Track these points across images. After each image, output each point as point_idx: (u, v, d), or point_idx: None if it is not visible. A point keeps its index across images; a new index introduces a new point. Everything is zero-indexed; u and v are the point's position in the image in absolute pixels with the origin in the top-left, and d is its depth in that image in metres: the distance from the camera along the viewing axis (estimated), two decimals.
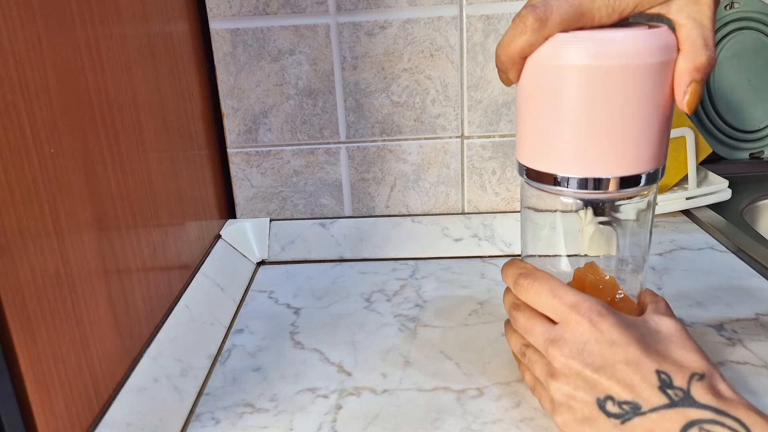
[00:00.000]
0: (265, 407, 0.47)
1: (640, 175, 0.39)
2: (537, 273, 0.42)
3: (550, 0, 0.37)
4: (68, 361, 0.37)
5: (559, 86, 0.37)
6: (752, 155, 0.88)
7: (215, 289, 0.61)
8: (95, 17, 0.43)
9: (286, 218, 0.73)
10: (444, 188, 0.72)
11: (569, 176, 0.39)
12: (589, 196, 0.40)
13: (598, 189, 0.39)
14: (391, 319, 0.58)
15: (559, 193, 0.41)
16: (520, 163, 0.42)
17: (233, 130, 0.70)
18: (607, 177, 0.38)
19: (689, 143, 0.71)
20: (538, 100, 0.39)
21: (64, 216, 0.37)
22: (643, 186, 0.39)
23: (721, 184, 0.74)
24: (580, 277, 0.44)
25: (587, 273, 0.44)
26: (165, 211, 0.54)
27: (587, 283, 0.44)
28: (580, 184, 0.39)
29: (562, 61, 0.37)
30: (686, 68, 0.37)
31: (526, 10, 0.37)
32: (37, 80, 0.35)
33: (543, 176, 0.40)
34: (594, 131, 0.37)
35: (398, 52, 0.67)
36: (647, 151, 0.38)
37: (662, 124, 0.38)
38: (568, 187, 0.39)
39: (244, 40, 0.67)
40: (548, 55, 0.37)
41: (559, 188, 0.40)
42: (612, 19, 0.37)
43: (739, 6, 0.84)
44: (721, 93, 0.86)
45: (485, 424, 0.44)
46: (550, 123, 0.38)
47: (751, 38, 0.85)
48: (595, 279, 0.44)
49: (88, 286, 0.40)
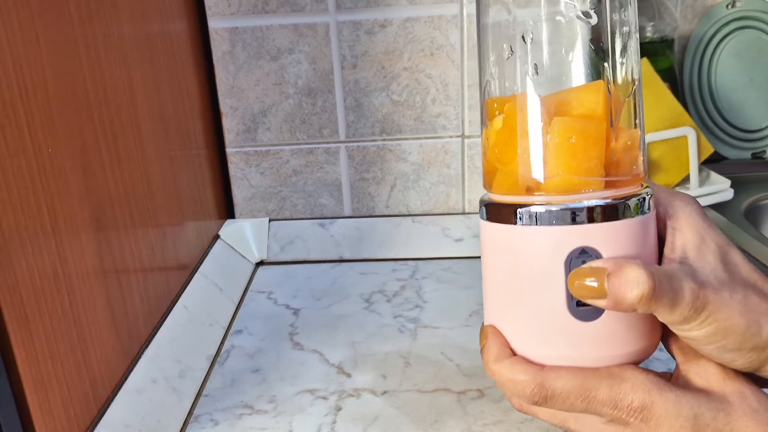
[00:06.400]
0: (264, 408, 0.47)
1: None
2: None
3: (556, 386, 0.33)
4: (66, 361, 0.37)
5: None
6: (754, 155, 0.88)
7: (214, 290, 0.60)
8: (93, 16, 0.43)
9: (285, 218, 0.73)
10: (444, 188, 0.72)
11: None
12: None
13: None
14: (391, 320, 0.57)
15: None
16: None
17: (232, 129, 0.70)
18: None
19: (691, 143, 0.71)
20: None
21: (62, 216, 0.37)
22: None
23: (723, 183, 0.74)
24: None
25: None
26: (163, 211, 0.53)
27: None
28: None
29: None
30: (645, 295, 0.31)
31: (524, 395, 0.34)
32: (35, 80, 0.35)
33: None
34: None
35: (398, 51, 0.67)
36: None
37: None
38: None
39: (243, 39, 0.67)
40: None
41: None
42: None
43: (740, 5, 0.84)
44: (723, 92, 0.86)
45: (486, 426, 0.43)
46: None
47: (752, 37, 0.85)
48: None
49: (86, 286, 0.40)
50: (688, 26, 0.85)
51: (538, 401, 0.34)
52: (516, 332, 0.36)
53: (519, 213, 0.34)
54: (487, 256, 0.37)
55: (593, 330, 0.34)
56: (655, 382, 0.33)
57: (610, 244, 0.33)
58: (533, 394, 0.34)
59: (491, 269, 0.37)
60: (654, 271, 0.31)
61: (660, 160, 0.71)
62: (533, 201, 0.34)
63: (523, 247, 0.35)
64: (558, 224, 0.34)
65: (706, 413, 0.32)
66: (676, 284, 0.31)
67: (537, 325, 0.35)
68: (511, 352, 0.36)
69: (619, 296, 0.31)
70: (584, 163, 0.34)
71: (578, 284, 0.32)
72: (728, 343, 0.32)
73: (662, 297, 0.31)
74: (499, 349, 0.36)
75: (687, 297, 0.31)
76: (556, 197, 0.34)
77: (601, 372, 0.34)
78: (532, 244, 0.34)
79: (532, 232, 0.34)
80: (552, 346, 0.35)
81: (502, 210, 0.35)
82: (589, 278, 0.32)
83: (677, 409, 0.32)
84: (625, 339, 0.34)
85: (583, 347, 0.34)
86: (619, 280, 0.31)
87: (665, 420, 0.32)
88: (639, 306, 0.31)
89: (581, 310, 0.34)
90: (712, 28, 0.84)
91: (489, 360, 0.36)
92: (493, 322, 0.37)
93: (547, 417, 0.37)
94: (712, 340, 0.32)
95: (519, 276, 0.35)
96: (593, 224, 0.33)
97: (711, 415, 0.32)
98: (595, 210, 0.33)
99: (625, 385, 0.33)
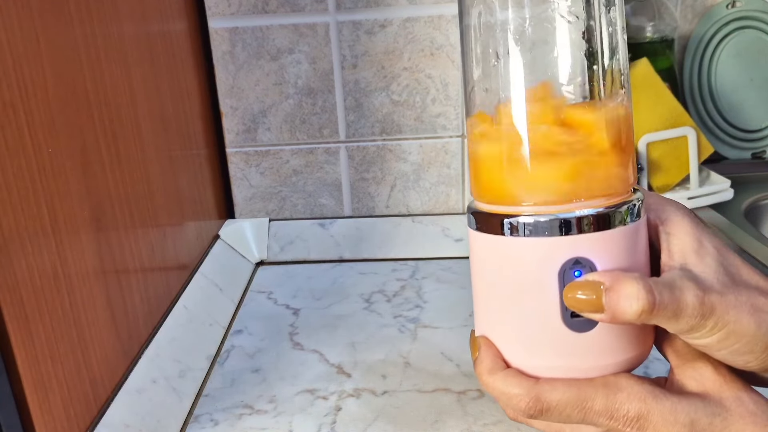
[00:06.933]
0: (264, 408, 0.47)
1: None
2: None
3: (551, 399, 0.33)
4: (66, 361, 0.37)
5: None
6: (754, 155, 0.88)
7: (214, 290, 0.60)
8: (93, 16, 0.42)
9: (285, 218, 0.73)
10: (444, 188, 0.71)
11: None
12: None
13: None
14: (391, 320, 0.57)
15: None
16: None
17: (232, 129, 0.70)
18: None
19: (691, 143, 0.71)
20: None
21: (62, 216, 0.37)
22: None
23: (723, 183, 0.74)
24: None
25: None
26: (163, 211, 0.53)
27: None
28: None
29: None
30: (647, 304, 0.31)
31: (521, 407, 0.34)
32: (35, 79, 0.35)
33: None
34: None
35: (398, 51, 0.67)
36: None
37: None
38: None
39: (243, 39, 0.66)
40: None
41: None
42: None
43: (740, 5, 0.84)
44: (723, 92, 0.86)
45: (486, 426, 0.43)
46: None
47: (752, 37, 0.85)
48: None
49: (86, 286, 0.40)
50: (688, 26, 0.85)
51: (533, 414, 0.33)
52: (509, 343, 0.35)
53: (508, 223, 0.34)
54: (477, 266, 0.37)
55: (588, 340, 0.34)
56: (651, 390, 0.33)
57: (604, 254, 0.33)
58: (528, 407, 0.33)
59: (482, 279, 0.36)
60: (653, 284, 0.31)
61: (660, 160, 0.71)
62: (522, 212, 0.34)
63: (514, 259, 0.34)
64: (550, 235, 0.33)
65: (702, 419, 0.32)
66: (678, 293, 0.31)
67: (530, 337, 0.34)
68: (505, 364, 0.35)
69: (618, 311, 0.31)
70: (573, 174, 0.33)
71: (574, 297, 0.32)
72: (741, 346, 0.31)
73: (663, 309, 0.31)
74: (492, 361, 0.35)
75: (691, 305, 0.31)
76: (546, 207, 0.33)
77: (596, 382, 0.33)
78: (524, 256, 0.34)
79: (523, 243, 0.33)
80: (545, 357, 0.34)
81: (491, 219, 0.35)
82: (586, 292, 0.32)
83: (674, 417, 0.32)
84: (619, 348, 0.34)
85: (577, 358, 0.34)
86: (617, 295, 0.31)
87: (662, 428, 0.32)
88: (638, 320, 0.31)
89: (575, 321, 0.33)
90: (712, 28, 0.84)
91: (482, 372, 0.35)
92: (484, 332, 0.37)
93: (542, 426, 0.37)
94: (724, 345, 0.31)
95: (511, 287, 0.34)
96: (585, 234, 0.33)
97: (707, 420, 0.32)
98: (587, 220, 0.33)
99: (621, 395, 0.33)
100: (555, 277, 0.33)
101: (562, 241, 0.33)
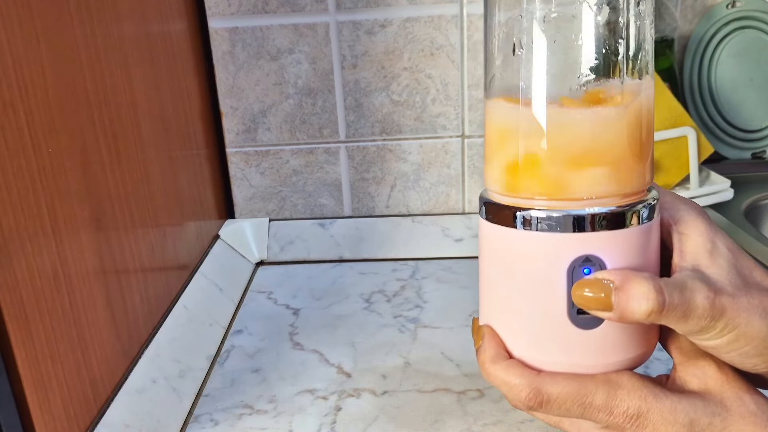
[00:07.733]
0: (264, 409, 0.47)
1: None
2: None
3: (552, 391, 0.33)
4: (66, 361, 0.37)
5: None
6: (754, 155, 0.88)
7: (214, 290, 0.60)
8: (93, 16, 0.42)
9: (285, 218, 0.73)
10: (444, 188, 0.71)
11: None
12: None
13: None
14: (391, 320, 0.57)
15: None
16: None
17: (232, 129, 0.70)
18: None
19: (691, 143, 0.71)
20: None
21: (62, 216, 0.37)
22: None
23: (723, 183, 0.74)
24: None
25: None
26: (163, 211, 0.53)
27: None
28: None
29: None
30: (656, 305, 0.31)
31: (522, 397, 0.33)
32: (35, 79, 0.35)
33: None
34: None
35: (398, 51, 0.67)
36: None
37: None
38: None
39: (243, 39, 0.66)
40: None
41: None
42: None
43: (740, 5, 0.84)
44: (723, 92, 0.86)
45: (486, 426, 0.43)
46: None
47: (752, 37, 0.85)
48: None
49: (86, 286, 0.40)
50: (688, 26, 0.85)
51: (533, 406, 0.33)
52: (513, 335, 0.35)
53: (521, 216, 0.33)
54: (485, 256, 0.36)
55: (593, 338, 0.34)
56: (651, 388, 0.33)
57: (615, 253, 0.32)
58: (528, 398, 0.33)
59: (490, 270, 0.36)
60: (663, 285, 0.31)
61: (660, 160, 0.71)
62: (535, 205, 0.33)
63: (524, 253, 0.34)
64: (562, 231, 0.33)
65: (702, 418, 0.32)
66: (688, 294, 0.31)
67: (535, 330, 0.34)
68: (508, 354, 0.35)
69: (627, 311, 0.31)
70: (590, 170, 0.33)
71: (582, 295, 0.32)
72: (751, 349, 0.31)
73: (673, 310, 0.30)
74: (495, 350, 0.35)
75: (701, 306, 0.30)
76: (560, 202, 0.33)
77: (597, 378, 0.33)
78: (534, 250, 0.33)
79: (535, 237, 0.33)
80: (549, 352, 0.34)
81: (503, 211, 0.34)
82: (595, 290, 0.32)
83: (673, 416, 0.32)
84: (623, 346, 0.34)
85: (581, 354, 0.34)
86: (627, 294, 0.31)
87: (661, 427, 0.32)
88: (647, 320, 0.31)
89: (581, 318, 0.33)
90: (712, 28, 0.84)
91: (485, 361, 0.35)
92: (488, 322, 0.37)
93: (542, 416, 0.37)
94: (734, 347, 0.31)
95: (519, 280, 0.34)
96: (598, 232, 0.32)
97: (707, 420, 0.32)
98: (601, 218, 0.32)
99: (621, 392, 0.33)
100: (564, 273, 0.33)
101: (573, 237, 0.32)
